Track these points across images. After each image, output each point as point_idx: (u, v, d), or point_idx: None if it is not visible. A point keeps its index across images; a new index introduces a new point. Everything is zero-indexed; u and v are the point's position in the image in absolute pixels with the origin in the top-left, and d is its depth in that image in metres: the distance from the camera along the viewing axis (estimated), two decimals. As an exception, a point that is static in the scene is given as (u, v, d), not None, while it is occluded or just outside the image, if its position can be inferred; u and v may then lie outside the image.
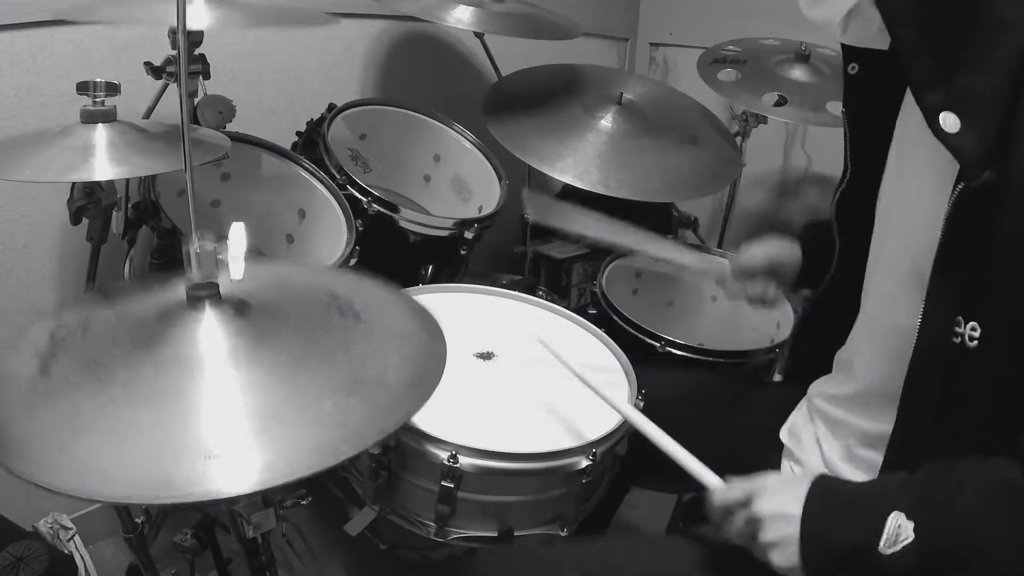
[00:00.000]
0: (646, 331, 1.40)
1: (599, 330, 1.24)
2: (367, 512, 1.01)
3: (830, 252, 1.01)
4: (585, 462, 0.94)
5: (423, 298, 0.92)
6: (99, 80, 0.94)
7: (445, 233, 1.44)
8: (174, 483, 0.58)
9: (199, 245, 0.71)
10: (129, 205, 1.15)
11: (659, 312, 1.75)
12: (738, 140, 1.81)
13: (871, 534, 0.64)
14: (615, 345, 1.20)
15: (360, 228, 1.31)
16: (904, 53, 0.67)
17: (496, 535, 0.96)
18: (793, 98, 1.62)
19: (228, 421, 0.64)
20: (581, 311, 1.33)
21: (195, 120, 1.22)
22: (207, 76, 1.22)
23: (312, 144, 1.43)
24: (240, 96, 1.31)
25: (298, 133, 1.52)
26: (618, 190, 1.50)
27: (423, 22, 1.81)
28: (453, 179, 1.72)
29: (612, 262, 1.63)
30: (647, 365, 1.14)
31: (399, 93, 1.80)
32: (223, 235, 0.73)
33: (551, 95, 1.69)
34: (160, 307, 0.77)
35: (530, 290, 1.66)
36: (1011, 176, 0.61)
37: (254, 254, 1.35)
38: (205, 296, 0.74)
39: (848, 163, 0.95)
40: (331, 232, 1.34)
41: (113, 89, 0.95)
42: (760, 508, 0.71)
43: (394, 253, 1.41)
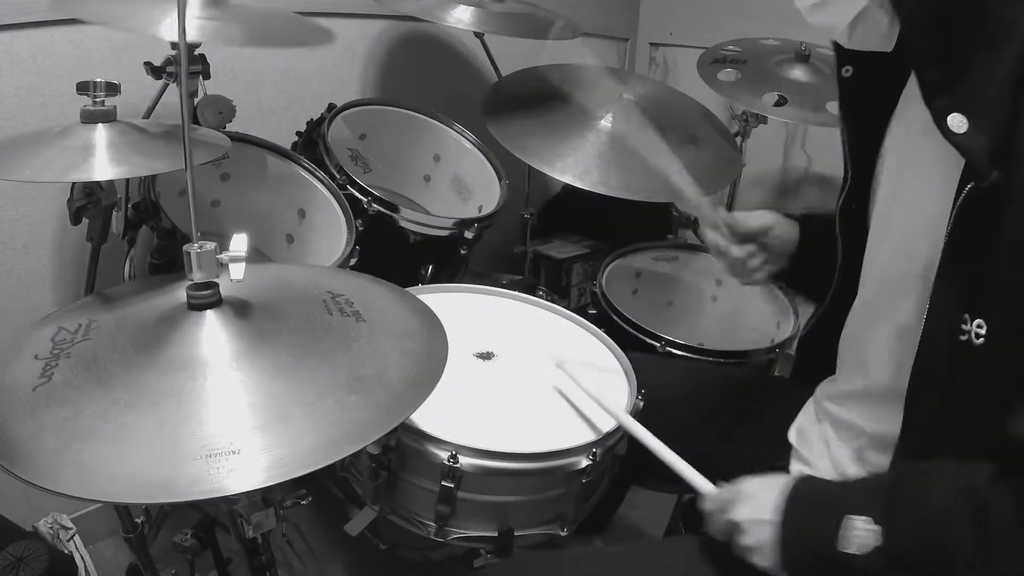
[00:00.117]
0: (646, 331, 1.40)
1: (599, 330, 1.24)
2: (367, 512, 1.01)
3: (827, 244, 0.98)
4: (585, 462, 0.94)
5: (423, 298, 0.92)
6: (99, 80, 0.93)
7: (445, 233, 1.44)
8: (179, 482, 0.58)
9: (199, 246, 0.71)
10: (129, 205, 1.15)
11: (659, 312, 1.75)
12: (738, 140, 1.81)
13: (841, 538, 0.66)
14: (615, 345, 1.20)
15: (360, 228, 1.31)
16: (917, 55, 0.67)
17: (496, 535, 0.96)
18: (793, 98, 1.62)
19: (232, 420, 0.64)
20: (581, 311, 1.33)
21: (195, 120, 1.22)
22: (207, 76, 1.22)
23: (312, 144, 1.43)
24: (240, 96, 1.31)
25: (298, 133, 1.52)
26: (618, 190, 1.50)
27: (423, 22, 1.81)
28: (453, 179, 1.72)
29: (612, 262, 1.63)
30: (647, 365, 1.14)
31: (399, 93, 1.80)
32: (223, 235, 0.73)
33: (551, 95, 1.69)
34: (161, 310, 0.77)
35: (530, 290, 1.66)
36: (1016, 175, 0.61)
37: (254, 254, 1.35)
38: (206, 297, 0.74)
39: (848, 168, 0.92)
40: (331, 232, 1.34)
41: (113, 89, 0.94)
42: (738, 514, 0.74)
43: (394, 253, 1.41)
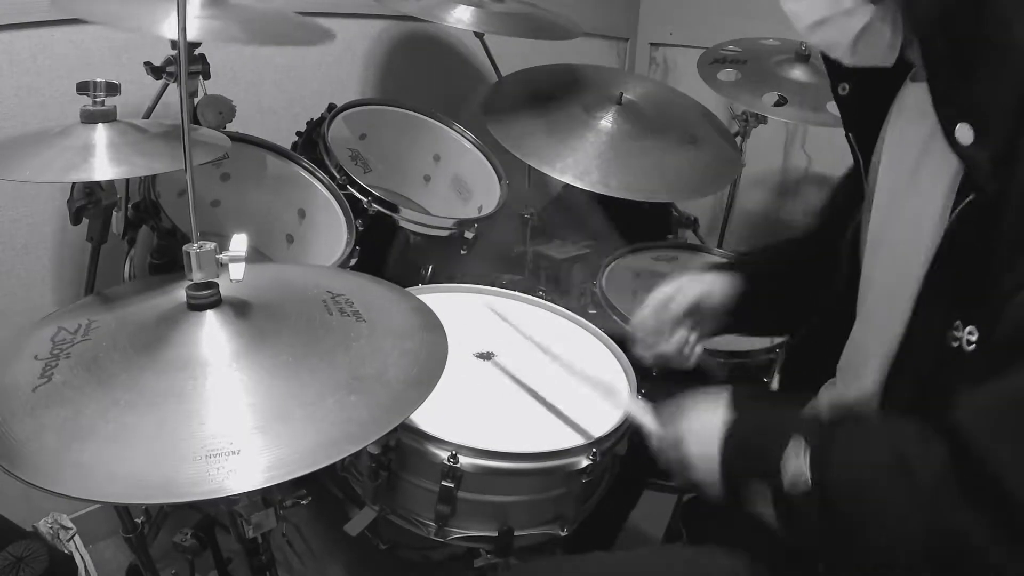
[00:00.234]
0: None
1: (599, 330, 1.24)
2: (367, 512, 1.01)
3: (772, 282, 0.99)
4: (585, 462, 0.94)
5: (423, 298, 0.92)
6: (99, 80, 0.93)
7: (445, 233, 1.44)
8: (179, 482, 0.59)
9: (199, 246, 0.71)
10: (129, 205, 1.15)
11: (659, 312, 1.74)
12: (738, 140, 1.81)
13: (776, 477, 0.69)
14: (615, 345, 1.20)
15: (360, 228, 1.31)
16: (928, 64, 0.68)
17: (496, 535, 0.96)
18: (793, 98, 1.62)
19: (232, 421, 0.64)
20: (581, 311, 1.33)
21: (195, 120, 1.22)
22: (207, 76, 1.22)
23: (312, 144, 1.43)
24: (240, 96, 1.31)
25: (298, 133, 1.52)
26: (618, 190, 1.50)
27: (423, 22, 1.81)
28: (453, 179, 1.72)
29: (612, 262, 1.63)
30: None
31: (399, 93, 1.80)
32: (223, 235, 0.73)
33: (551, 95, 1.69)
34: (161, 310, 0.77)
35: (530, 290, 1.66)
36: (1014, 187, 0.61)
37: (254, 254, 1.35)
38: (205, 297, 0.74)
39: (865, 188, 0.87)
40: (331, 232, 1.34)
41: (113, 89, 0.94)
42: (688, 451, 0.79)
43: (394, 253, 1.41)
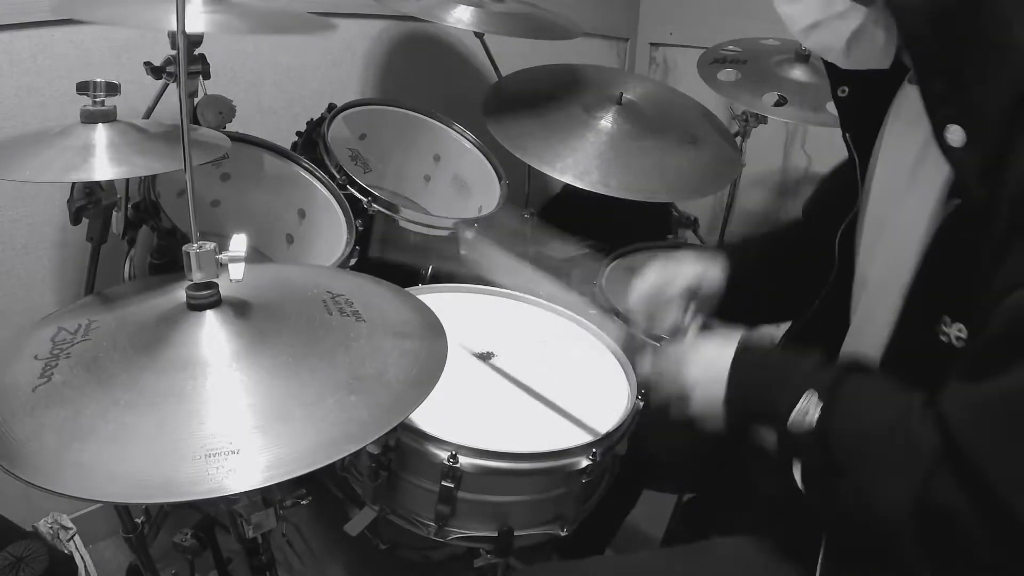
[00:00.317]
0: (646, 331, 1.40)
1: (599, 330, 1.24)
2: (367, 512, 1.01)
3: (762, 267, 1.00)
4: (585, 462, 0.94)
5: (423, 298, 0.92)
6: (99, 80, 0.93)
7: (445, 233, 1.44)
8: (179, 482, 0.59)
9: (199, 246, 0.71)
10: (129, 205, 1.15)
11: (659, 312, 1.74)
12: (738, 140, 1.81)
13: (782, 415, 0.71)
14: (615, 345, 1.20)
15: (360, 228, 1.31)
16: (918, 66, 0.68)
17: (496, 535, 0.96)
18: (793, 98, 1.62)
19: (231, 420, 0.64)
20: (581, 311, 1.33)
21: (195, 120, 1.22)
22: (207, 76, 1.21)
23: (312, 144, 1.43)
24: (240, 96, 1.31)
25: (298, 133, 1.52)
26: (618, 190, 1.50)
27: (423, 22, 1.81)
28: (453, 179, 1.72)
29: (612, 262, 1.63)
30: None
31: (399, 93, 1.80)
32: (223, 235, 0.73)
33: (551, 95, 1.69)
34: (161, 310, 0.77)
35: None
36: (1003, 191, 0.62)
37: (254, 254, 1.35)
38: (205, 297, 0.74)
39: (860, 188, 0.89)
40: (331, 232, 1.34)
41: (113, 89, 0.94)
42: (691, 378, 0.81)
43: (394, 253, 1.41)
